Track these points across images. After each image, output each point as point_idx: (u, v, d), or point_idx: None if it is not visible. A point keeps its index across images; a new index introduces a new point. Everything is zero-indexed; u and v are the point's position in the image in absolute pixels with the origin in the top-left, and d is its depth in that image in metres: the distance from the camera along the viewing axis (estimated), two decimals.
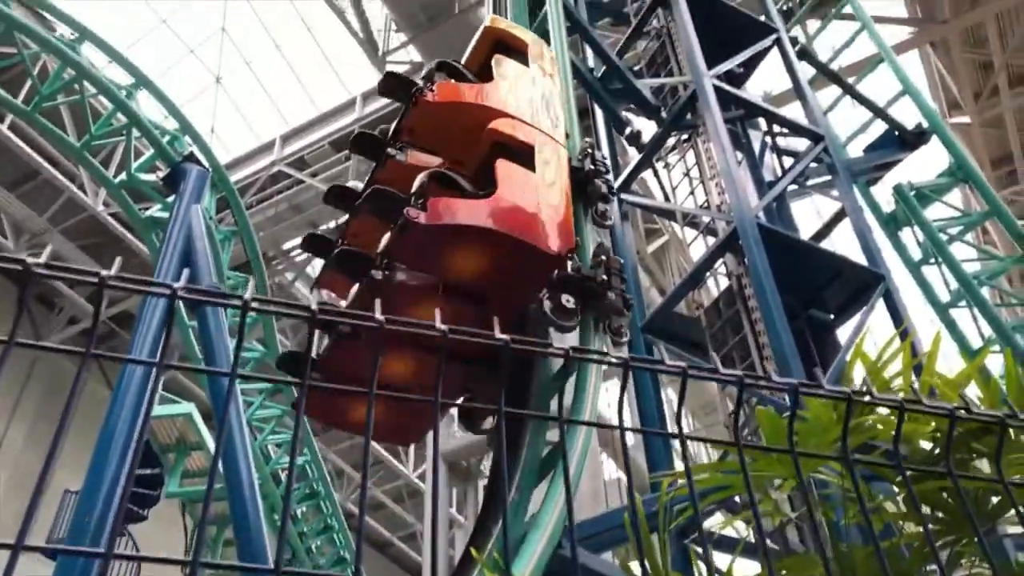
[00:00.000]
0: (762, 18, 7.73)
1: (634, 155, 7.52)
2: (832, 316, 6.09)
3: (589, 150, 4.28)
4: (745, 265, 5.66)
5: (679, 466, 5.05)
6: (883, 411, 1.64)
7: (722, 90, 6.36)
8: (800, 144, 7.23)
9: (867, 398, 1.01)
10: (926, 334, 10.91)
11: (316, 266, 20.46)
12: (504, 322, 2.06)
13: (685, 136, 7.44)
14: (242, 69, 20.48)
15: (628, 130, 7.18)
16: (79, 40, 9.57)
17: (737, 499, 3.71)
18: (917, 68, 17.84)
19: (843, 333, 6.07)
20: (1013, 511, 1.07)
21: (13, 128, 15.02)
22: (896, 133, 7.40)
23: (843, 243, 7.25)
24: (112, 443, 4.84)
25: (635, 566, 3.03)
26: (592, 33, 6.98)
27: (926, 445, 1.71)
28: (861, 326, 5.74)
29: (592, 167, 4.17)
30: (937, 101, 17.86)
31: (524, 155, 3.81)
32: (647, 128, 7.46)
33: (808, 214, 19.41)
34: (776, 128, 7.35)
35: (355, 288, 3.66)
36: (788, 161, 7.30)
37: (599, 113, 7.51)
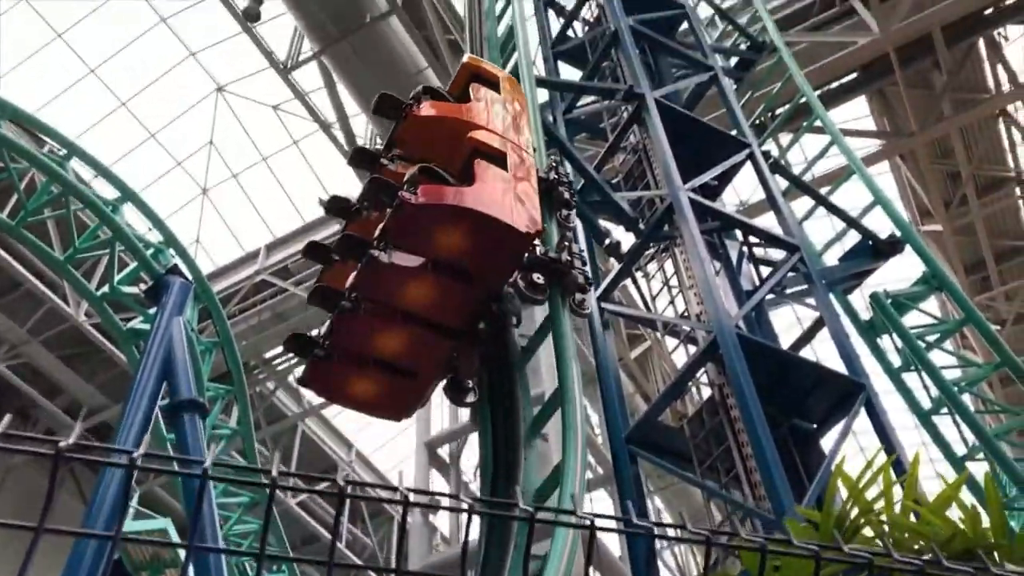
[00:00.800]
0: (734, 133, 7.97)
1: (614, 265, 7.64)
2: (815, 425, 6.07)
3: (554, 163, 5.05)
4: (726, 375, 5.67)
5: None
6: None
7: (698, 203, 6.50)
8: (777, 253, 7.37)
9: (832, 554, 0.99)
10: (910, 438, 10.88)
11: (298, 373, 20.24)
12: (483, 297, 3.19)
13: (663, 246, 7.57)
14: (229, 180, 20.79)
15: (607, 241, 7.28)
16: (67, 156, 9.73)
17: None
18: (888, 178, 18.36)
19: (828, 440, 6.05)
20: None
21: None
22: (870, 242, 7.54)
23: (824, 350, 7.31)
24: (80, 569, 4.69)
25: None
26: (571, 149, 7.17)
27: None
28: (845, 434, 5.73)
29: (556, 177, 4.92)
30: (909, 210, 18.31)
31: (498, 159, 4.51)
32: (626, 239, 7.58)
33: (788, 320, 19.60)
34: (753, 239, 7.49)
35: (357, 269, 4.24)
36: (766, 270, 7.41)
37: (579, 224, 7.63)
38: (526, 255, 4.38)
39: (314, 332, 4.70)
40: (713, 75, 8.32)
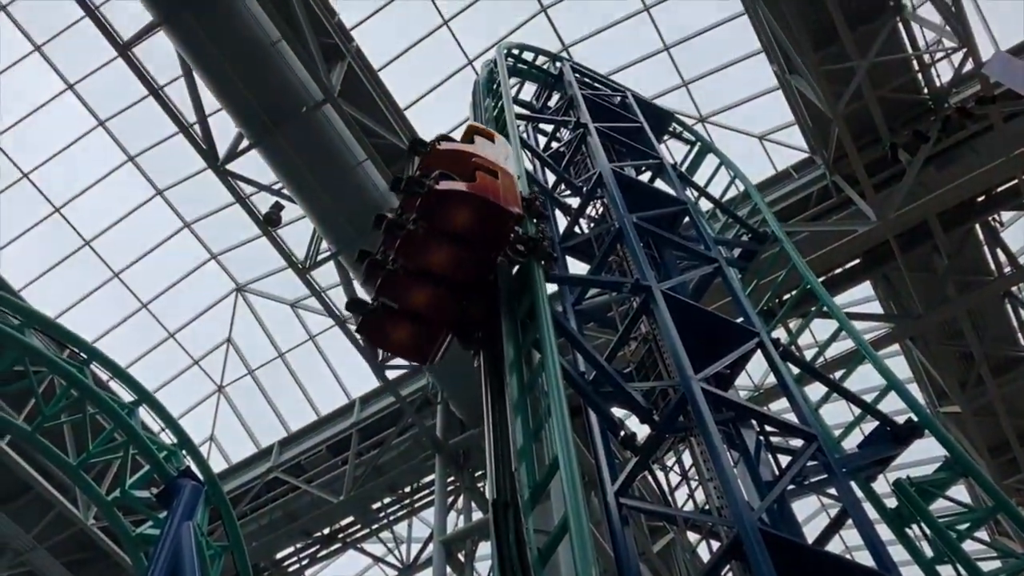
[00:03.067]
0: (742, 320, 8.02)
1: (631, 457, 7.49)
2: None
3: (534, 193, 7.54)
4: (752, 573, 5.42)
5: None
6: None
7: (712, 393, 6.45)
8: (796, 440, 7.23)
9: None
10: None
11: (309, 574, 19.42)
12: (483, 261, 6.46)
13: (679, 436, 7.45)
14: (245, 377, 20.95)
15: (622, 433, 7.18)
16: (87, 361, 9.86)
17: None
18: (901, 360, 18.28)
19: None
20: None
21: (11, 443, 15.02)
22: (888, 428, 7.40)
23: (852, 537, 7.00)
24: None
25: None
26: (581, 341, 7.22)
27: None
28: None
29: (534, 195, 7.42)
30: (925, 392, 18.09)
31: (493, 173, 6.73)
32: (641, 430, 7.48)
33: (815, 505, 18.97)
34: (769, 427, 7.37)
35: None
36: (785, 459, 7.25)
37: (593, 417, 7.55)
38: (512, 235, 6.59)
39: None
40: (717, 266, 8.49)
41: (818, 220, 16.91)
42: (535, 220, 7.09)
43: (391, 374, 17.44)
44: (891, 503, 7.76)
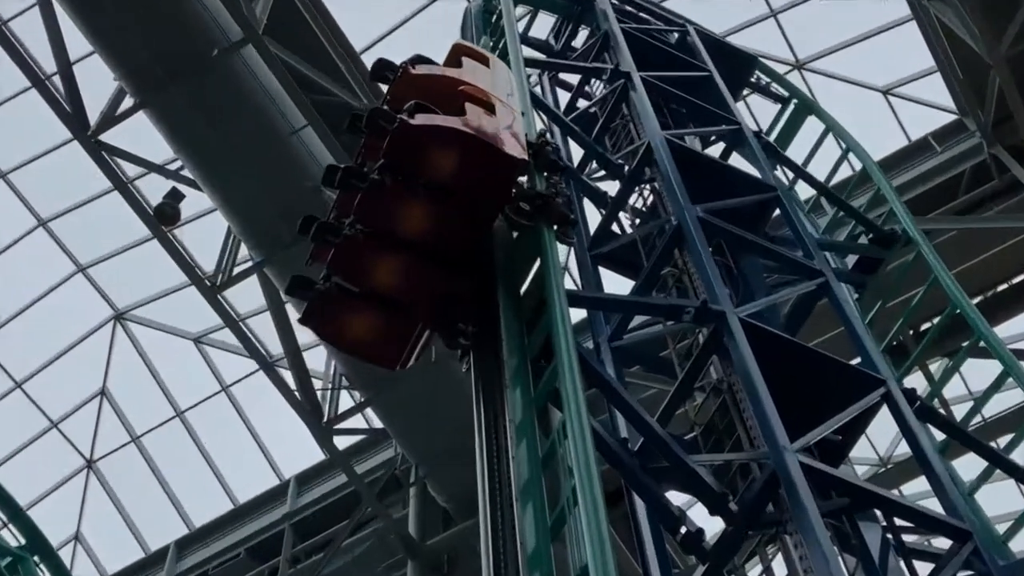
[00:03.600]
0: (858, 362, 8.00)
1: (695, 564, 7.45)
2: None
3: (543, 136, 7.51)
4: None
5: None
6: None
7: (816, 471, 6.44)
8: (942, 539, 7.21)
9: None
10: None
11: None
12: (475, 224, 6.61)
13: (767, 534, 7.43)
14: (127, 446, 20.98)
15: (683, 529, 7.16)
16: None
17: None
18: None
19: None
20: None
21: None
22: None
23: None
24: None
25: None
26: (623, 394, 7.19)
27: None
28: None
29: (543, 140, 7.31)
30: None
31: (487, 107, 6.84)
32: (711, 524, 7.46)
33: None
34: (900, 520, 7.36)
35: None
36: (926, 567, 7.24)
37: (640, 505, 7.55)
38: (514, 189, 6.72)
39: None
40: (823, 282, 8.48)
41: (972, 213, 16.89)
42: (546, 174, 7.14)
43: (342, 441, 17.39)
44: None
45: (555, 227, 6.73)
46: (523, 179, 6.92)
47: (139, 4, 14.11)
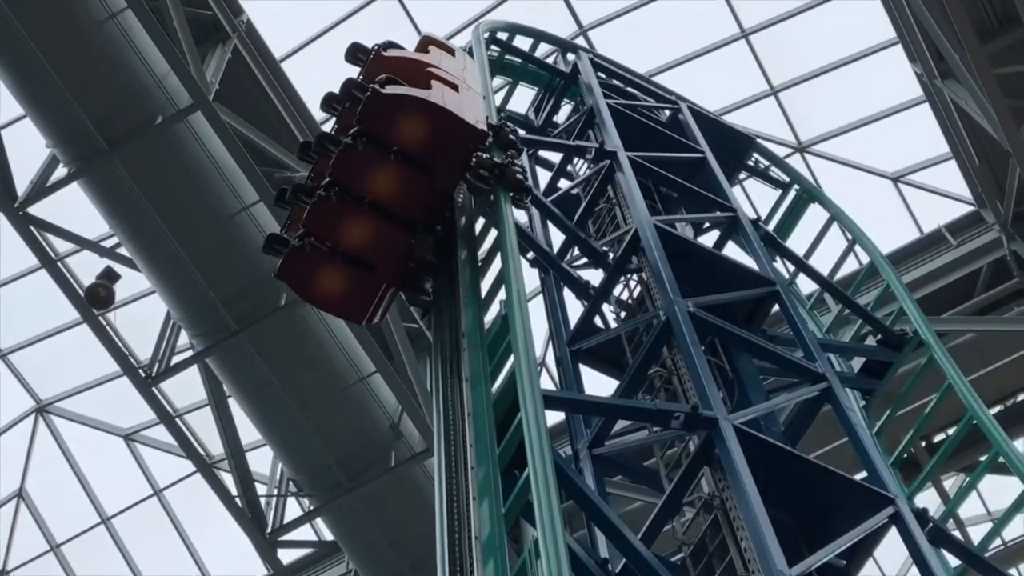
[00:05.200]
0: (863, 478, 7.98)
1: None
2: None
3: (503, 119, 9.51)
4: None
5: None
6: None
7: None
8: None
9: None
10: None
11: None
12: (438, 189, 8.41)
13: None
14: (46, 556, 20.73)
15: None
16: None
17: None
18: None
19: None
20: None
21: None
22: None
23: None
24: None
25: None
26: (600, 506, 7.16)
27: None
28: None
29: (502, 122, 9.01)
30: None
31: (452, 87, 8.49)
32: None
33: None
34: None
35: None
36: None
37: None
38: (474, 158, 8.15)
39: None
40: (827, 387, 8.48)
41: (990, 313, 16.97)
42: (505, 151, 8.59)
43: (287, 555, 17.20)
44: None
45: (511, 193, 8.13)
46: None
47: (78, 64, 14.15)
